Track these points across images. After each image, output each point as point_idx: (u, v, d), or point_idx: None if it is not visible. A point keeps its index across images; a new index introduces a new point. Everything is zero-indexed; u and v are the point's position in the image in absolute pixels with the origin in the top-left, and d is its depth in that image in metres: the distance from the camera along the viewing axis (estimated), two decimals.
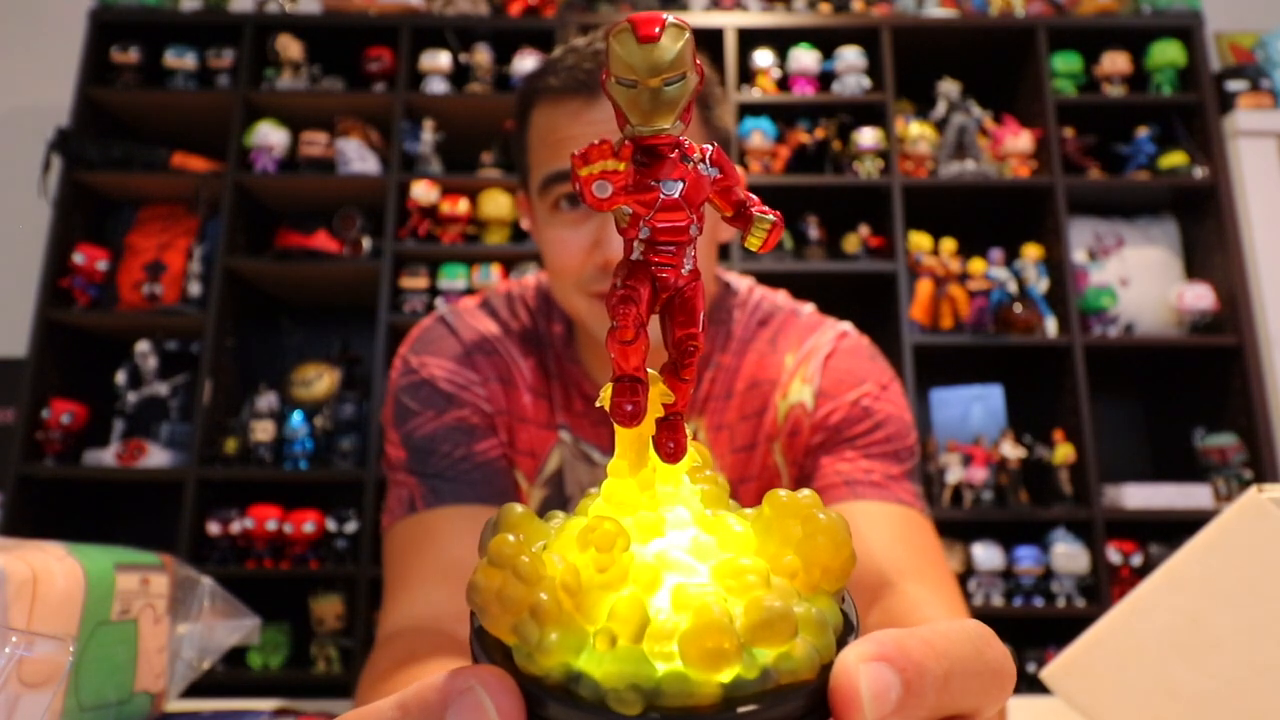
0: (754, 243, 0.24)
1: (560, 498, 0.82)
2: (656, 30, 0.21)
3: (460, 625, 0.63)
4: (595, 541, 0.21)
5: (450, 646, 0.62)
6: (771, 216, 0.24)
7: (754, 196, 0.24)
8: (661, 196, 0.22)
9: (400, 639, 0.63)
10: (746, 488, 0.79)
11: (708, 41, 2.23)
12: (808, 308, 0.87)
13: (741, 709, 0.19)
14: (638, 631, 0.19)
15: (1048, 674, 0.56)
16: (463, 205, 2.12)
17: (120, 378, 2.08)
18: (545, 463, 0.81)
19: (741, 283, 0.88)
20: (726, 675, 0.19)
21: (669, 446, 0.24)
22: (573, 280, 0.73)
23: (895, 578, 0.65)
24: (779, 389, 0.80)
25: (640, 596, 0.20)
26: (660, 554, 0.21)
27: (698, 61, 0.22)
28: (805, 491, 0.23)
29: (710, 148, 0.24)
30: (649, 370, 0.23)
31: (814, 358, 0.79)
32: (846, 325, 0.84)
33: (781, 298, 0.88)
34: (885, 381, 0.79)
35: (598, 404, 0.24)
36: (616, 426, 0.23)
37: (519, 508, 0.23)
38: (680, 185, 0.23)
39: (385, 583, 0.72)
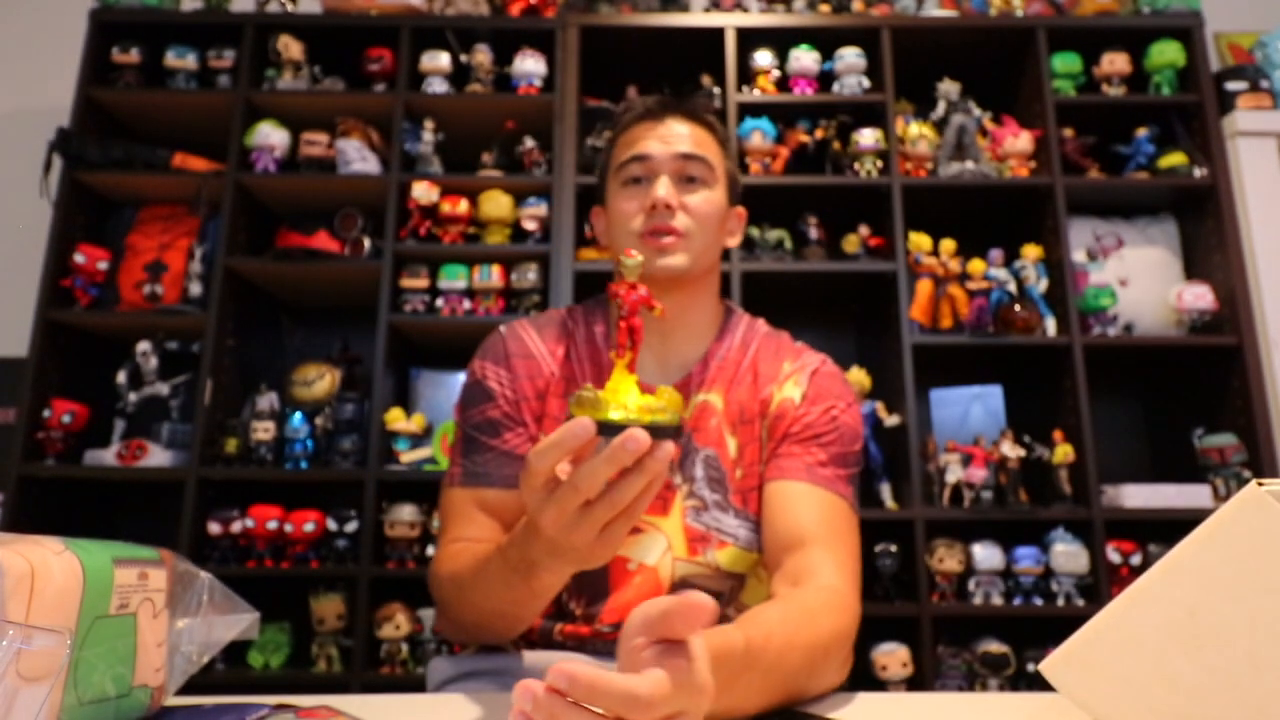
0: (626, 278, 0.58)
1: None
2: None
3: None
4: (611, 394, 0.61)
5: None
6: (636, 261, 0.61)
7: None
8: (634, 297, 0.65)
9: (462, 543, 0.94)
10: (748, 449, 1.00)
11: (708, 42, 2.24)
12: (799, 343, 1.12)
13: (661, 432, 0.59)
14: (627, 409, 0.60)
15: (1047, 666, 0.56)
16: (463, 205, 2.12)
17: (121, 378, 2.08)
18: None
19: (741, 310, 1.15)
20: (652, 420, 0.59)
21: (629, 366, 0.63)
22: (630, 227, 1.01)
23: (808, 541, 0.89)
24: (777, 383, 1.04)
25: (627, 401, 0.60)
26: (628, 397, 0.61)
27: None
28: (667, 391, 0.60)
29: (644, 291, 0.63)
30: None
31: (804, 370, 1.04)
32: (824, 356, 1.09)
33: (770, 328, 1.13)
34: (850, 401, 1.03)
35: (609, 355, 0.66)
36: (615, 355, 0.63)
37: (589, 390, 0.60)
38: (640, 294, 0.64)
39: (443, 523, 1.00)
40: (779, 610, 0.77)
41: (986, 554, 1.95)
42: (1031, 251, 2.14)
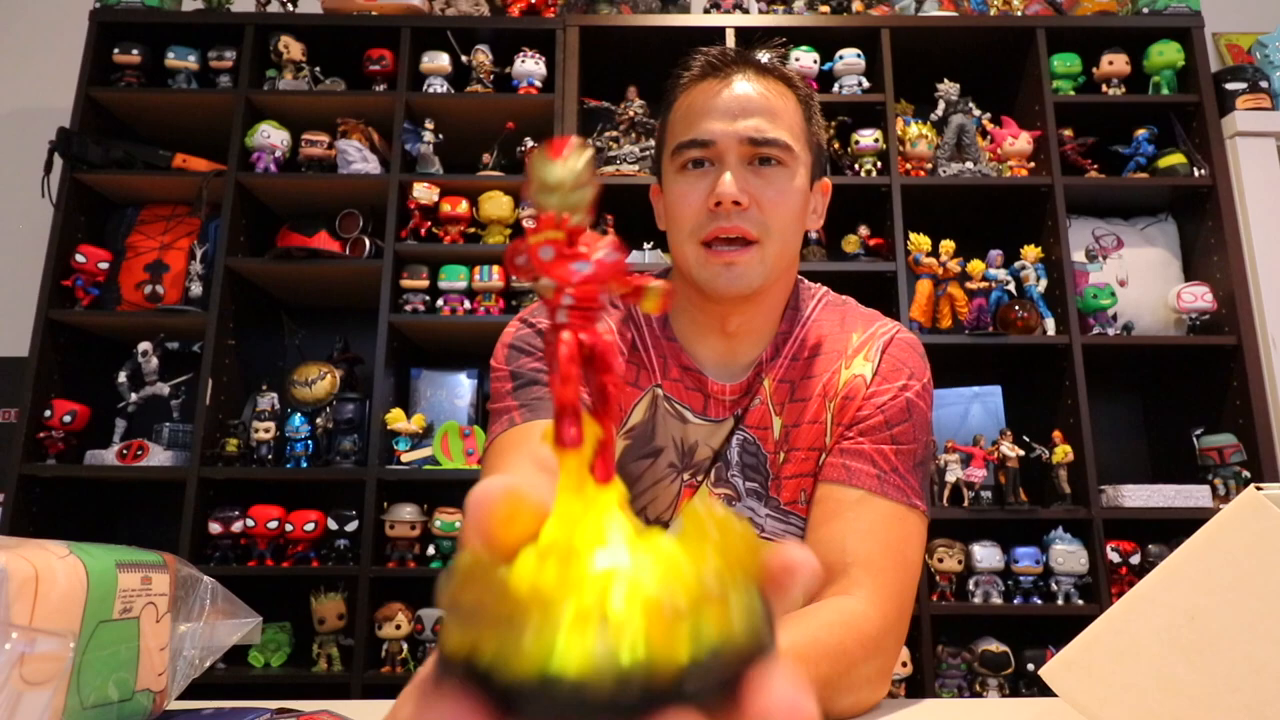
0: (647, 307, 0.29)
1: (639, 447, 0.90)
2: (563, 153, 0.26)
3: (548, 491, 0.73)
4: (555, 554, 0.23)
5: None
6: (659, 287, 0.29)
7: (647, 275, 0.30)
8: (578, 273, 0.27)
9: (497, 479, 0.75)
10: (797, 432, 0.87)
11: (708, 42, 2.23)
12: (866, 308, 0.98)
13: (695, 682, 0.21)
14: (601, 628, 0.21)
15: (1047, 671, 0.57)
16: (463, 206, 2.12)
17: (122, 378, 2.08)
18: (629, 416, 0.91)
19: (811, 283, 0.99)
20: (684, 655, 0.21)
21: (603, 469, 0.27)
22: (689, 227, 0.85)
23: (852, 565, 0.76)
24: (844, 359, 0.89)
25: (599, 598, 0.22)
26: (609, 561, 0.23)
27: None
28: (717, 507, 0.25)
29: (611, 237, 0.28)
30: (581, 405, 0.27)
31: (876, 341, 0.89)
32: (898, 322, 0.95)
33: (843, 298, 0.98)
34: (927, 378, 0.89)
35: (541, 439, 0.28)
36: (559, 451, 0.26)
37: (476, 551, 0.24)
38: (589, 266, 0.27)
39: (483, 474, 0.81)
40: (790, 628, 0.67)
41: (986, 554, 1.95)
42: (1031, 252, 2.14)
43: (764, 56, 0.89)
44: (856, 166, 2.17)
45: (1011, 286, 2.14)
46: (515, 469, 0.78)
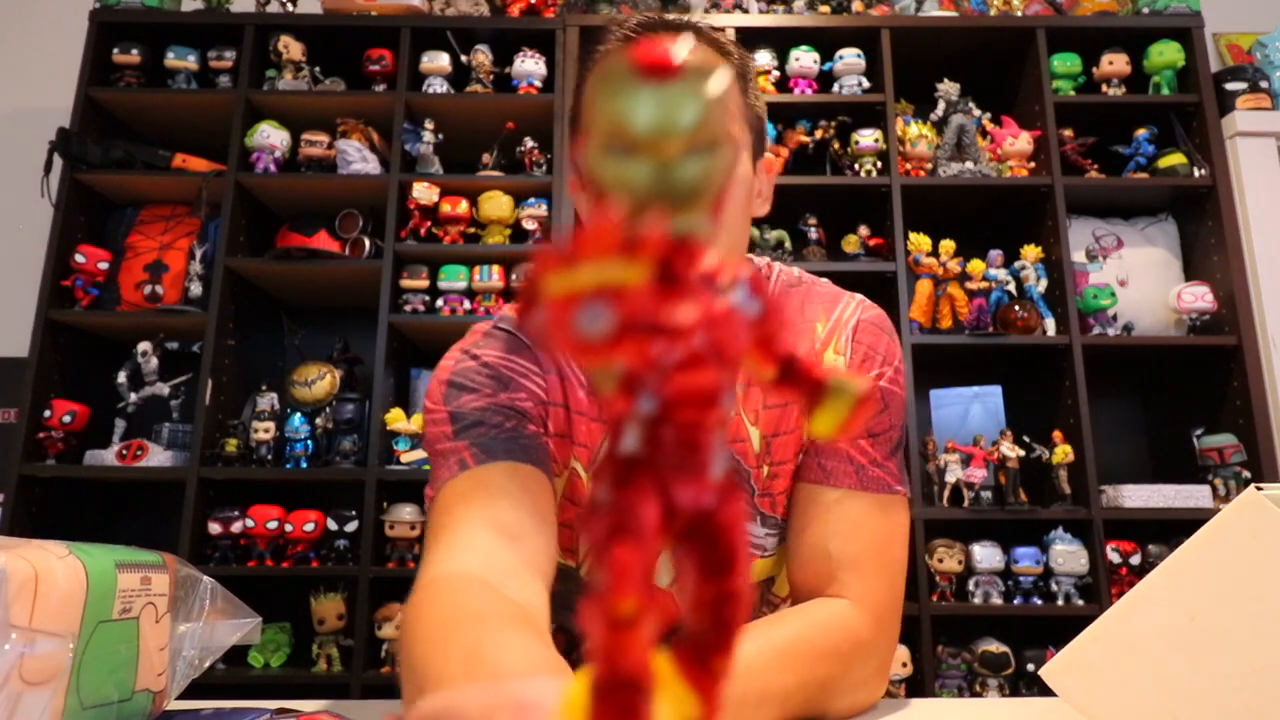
0: (827, 423, 0.16)
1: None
2: (675, 62, 0.13)
3: (510, 580, 0.63)
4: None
5: (500, 609, 0.59)
6: (854, 385, 0.16)
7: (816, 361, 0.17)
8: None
9: (447, 585, 0.61)
10: (780, 441, 0.81)
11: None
12: (823, 280, 0.90)
13: None
14: None
15: (1047, 671, 0.57)
16: (463, 206, 2.12)
17: (121, 378, 2.08)
18: (598, 452, 0.84)
19: (759, 258, 0.90)
20: None
21: None
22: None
23: (838, 571, 0.73)
24: (812, 350, 0.81)
25: None
26: None
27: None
28: None
29: (745, 271, 0.15)
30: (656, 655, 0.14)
31: (843, 329, 0.83)
32: (860, 296, 0.87)
33: (796, 270, 0.90)
34: (898, 362, 0.83)
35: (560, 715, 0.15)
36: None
37: None
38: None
39: (429, 534, 0.69)
40: (753, 645, 0.63)
41: (986, 554, 1.95)
42: (1031, 252, 2.14)
43: (694, 16, 0.83)
44: (856, 166, 2.17)
45: (1011, 286, 2.14)
46: (469, 540, 0.66)
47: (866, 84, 2.23)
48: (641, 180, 0.13)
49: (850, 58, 2.23)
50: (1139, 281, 2.21)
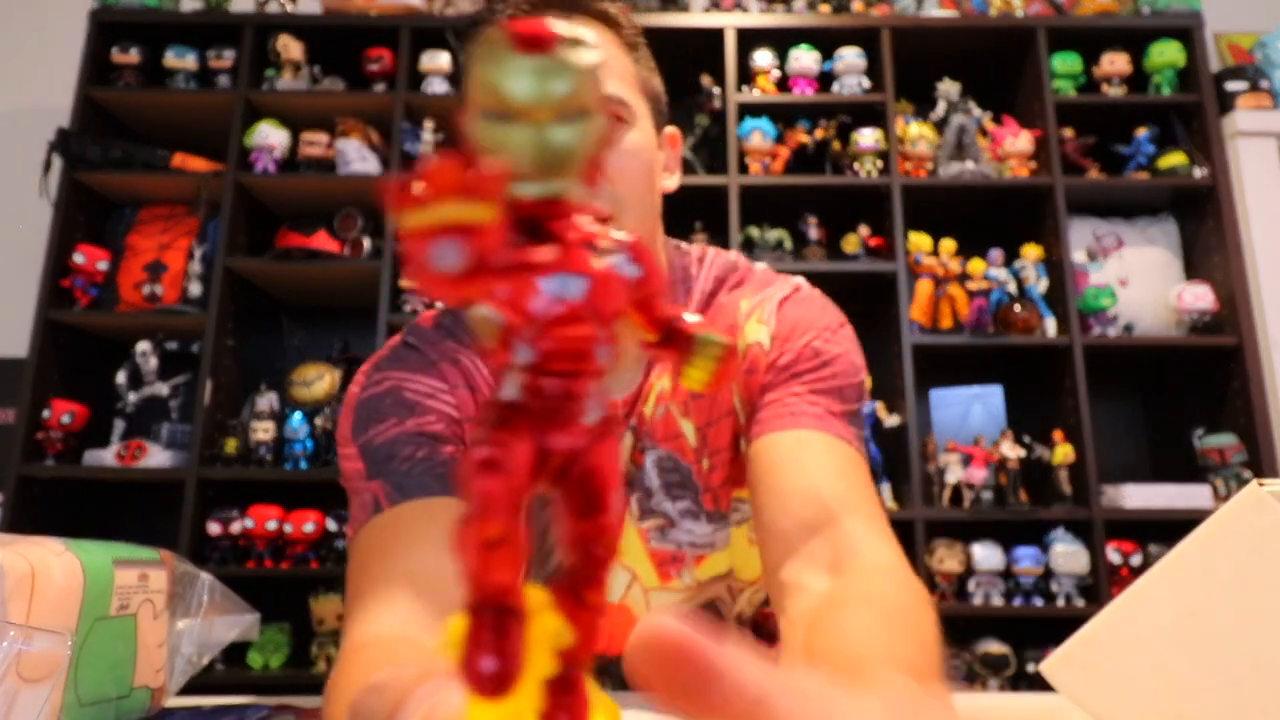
0: (696, 377, 0.17)
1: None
2: (547, 35, 0.14)
3: (429, 633, 0.60)
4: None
5: (419, 658, 0.57)
6: (719, 337, 0.17)
7: (685, 315, 0.17)
8: (549, 299, 0.14)
9: (369, 650, 0.58)
10: (714, 429, 0.77)
11: (708, 42, 2.23)
12: (761, 265, 0.85)
13: None
14: None
15: (1047, 666, 0.56)
16: None
17: (121, 378, 2.08)
18: None
19: (692, 245, 0.85)
20: None
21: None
22: None
23: (838, 511, 0.65)
24: (736, 331, 0.78)
25: None
26: None
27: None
28: None
29: (629, 237, 0.16)
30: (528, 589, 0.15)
31: (768, 303, 0.78)
32: (799, 280, 0.83)
33: (736, 256, 0.85)
34: (835, 326, 0.78)
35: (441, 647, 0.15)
36: (471, 697, 0.14)
37: None
38: (583, 284, 0.14)
39: (349, 593, 0.65)
40: (862, 620, 0.57)
41: (986, 554, 1.95)
42: (1031, 252, 2.14)
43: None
44: (857, 166, 2.17)
45: (1012, 286, 2.14)
46: (389, 599, 0.60)
47: (867, 84, 2.23)
48: (518, 145, 0.15)
49: (850, 57, 2.23)
50: (1139, 281, 2.21)
